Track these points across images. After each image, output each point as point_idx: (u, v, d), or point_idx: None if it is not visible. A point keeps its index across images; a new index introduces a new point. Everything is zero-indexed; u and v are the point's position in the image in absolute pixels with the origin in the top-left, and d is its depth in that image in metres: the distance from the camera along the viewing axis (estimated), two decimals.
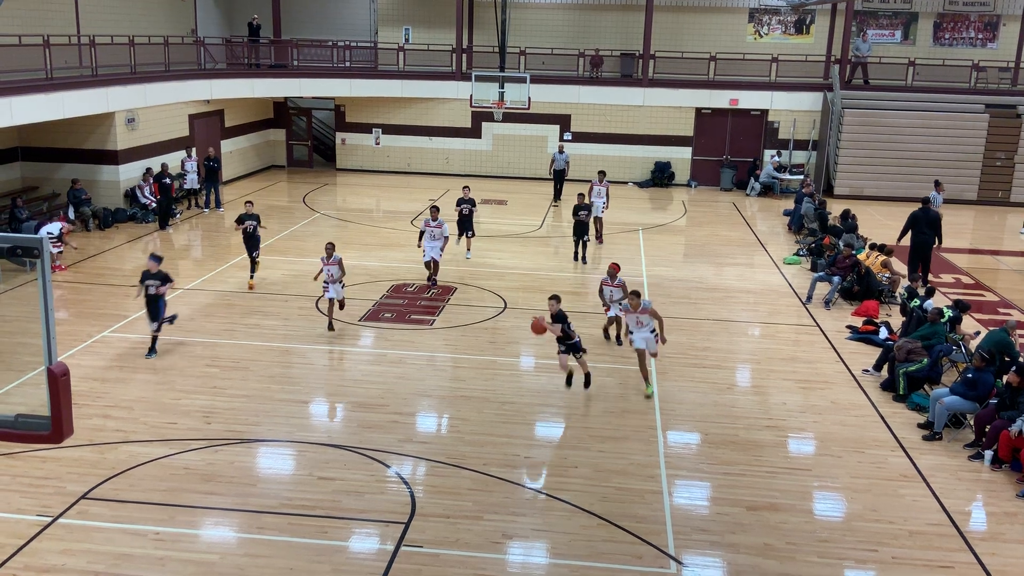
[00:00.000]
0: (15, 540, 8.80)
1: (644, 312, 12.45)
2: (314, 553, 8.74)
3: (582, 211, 19.64)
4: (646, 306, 12.47)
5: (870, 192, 29.15)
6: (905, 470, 10.88)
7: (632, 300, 12.53)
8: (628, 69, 31.65)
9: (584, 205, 19.73)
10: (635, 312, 12.48)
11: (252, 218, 17.47)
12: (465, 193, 20.05)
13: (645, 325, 12.53)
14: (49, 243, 4.01)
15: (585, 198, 20.00)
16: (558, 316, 12.25)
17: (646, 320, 12.52)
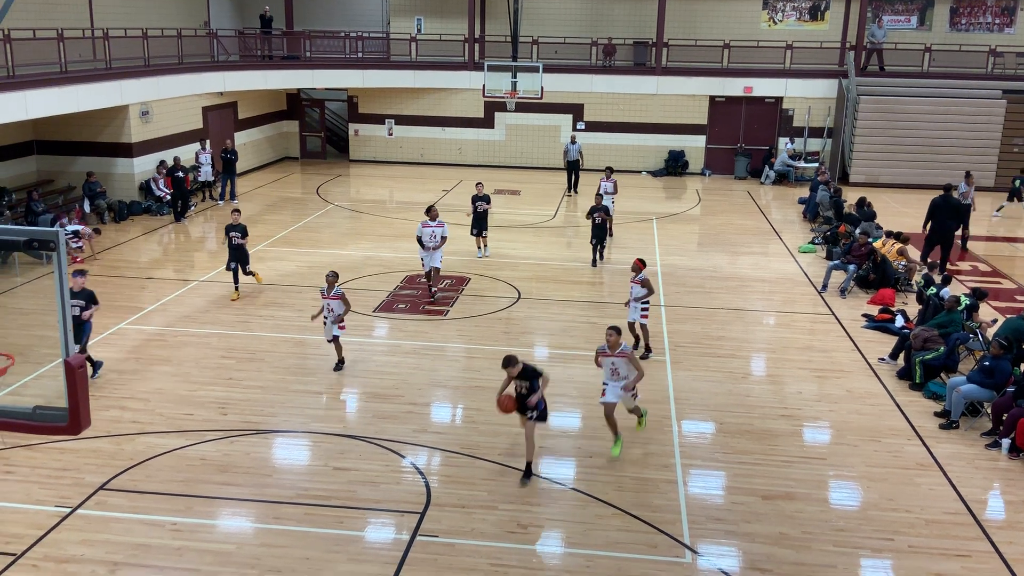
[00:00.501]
0: (35, 531, 8.89)
1: (622, 356, 10.34)
2: (330, 543, 8.78)
3: (596, 213, 18.69)
4: (625, 349, 10.38)
5: (886, 180, 28.95)
6: (922, 459, 10.82)
7: (611, 337, 10.33)
8: (641, 57, 31.51)
9: (600, 207, 18.80)
10: (611, 355, 10.38)
11: (236, 229, 16.05)
12: (479, 190, 19.28)
13: (621, 376, 10.41)
14: (65, 235, 4.04)
15: (601, 199, 19.21)
16: (525, 373, 9.85)
17: (623, 368, 10.39)
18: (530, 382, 9.80)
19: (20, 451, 10.42)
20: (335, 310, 12.76)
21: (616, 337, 10.29)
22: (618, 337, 10.31)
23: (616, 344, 10.30)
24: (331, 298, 12.74)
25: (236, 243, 15.98)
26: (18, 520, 9.08)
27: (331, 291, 12.74)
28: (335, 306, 12.76)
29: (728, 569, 8.53)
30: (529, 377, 9.82)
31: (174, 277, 17.76)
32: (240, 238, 16.02)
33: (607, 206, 19.12)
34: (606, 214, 18.72)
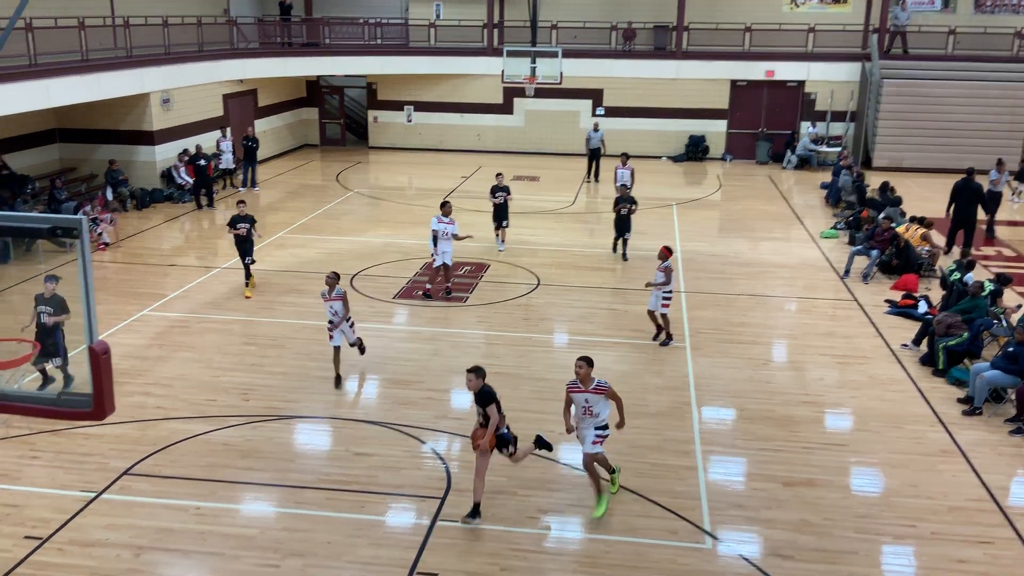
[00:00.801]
0: (60, 515, 9.00)
1: (599, 392, 8.87)
2: (352, 527, 8.85)
3: (623, 204, 18.08)
4: (600, 384, 8.89)
5: (910, 164, 28.62)
6: (944, 445, 10.75)
7: (580, 369, 8.77)
8: (662, 42, 31.29)
9: (626, 198, 18.17)
10: (584, 389, 8.84)
11: (245, 220, 15.62)
12: (499, 181, 18.85)
13: (595, 415, 8.95)
14: (88, 221, 4.10)
15: (627, 190, 18.67)
16: (482, 395, 8.75)
17: (597, 406, 8.92)
18: (483, 411, 8.72)
19: (45, 436, 10.55)
20: (339, 312, 12.09)
21: (587, 369, 8.79)
22: (589, 369, 8.80)
23: (587, 378, 8.82)
24: (333, 300, 12.08)
25: (245, 235, 15.59)
26: (44, 504, 9.20)
27: (332, 293, 12.07)
28: (338, 308, 12.09)
29: (748, 555, 8.52)
30: (483, 403, 8.69)
31: (196, 264, 17.88)
32: (248, 230, 15.63)
33: (633, 197, 18.41)
34: (632, 205, 18.12)
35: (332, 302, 12.07)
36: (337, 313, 12.08)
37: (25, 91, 17.46)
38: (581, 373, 8.81)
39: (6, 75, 16.83)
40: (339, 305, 12.07)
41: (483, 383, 8.79)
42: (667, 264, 13.28)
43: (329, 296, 12.06)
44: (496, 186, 18.70)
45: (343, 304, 12.12)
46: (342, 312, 12.10)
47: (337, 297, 12.07)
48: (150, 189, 23.22)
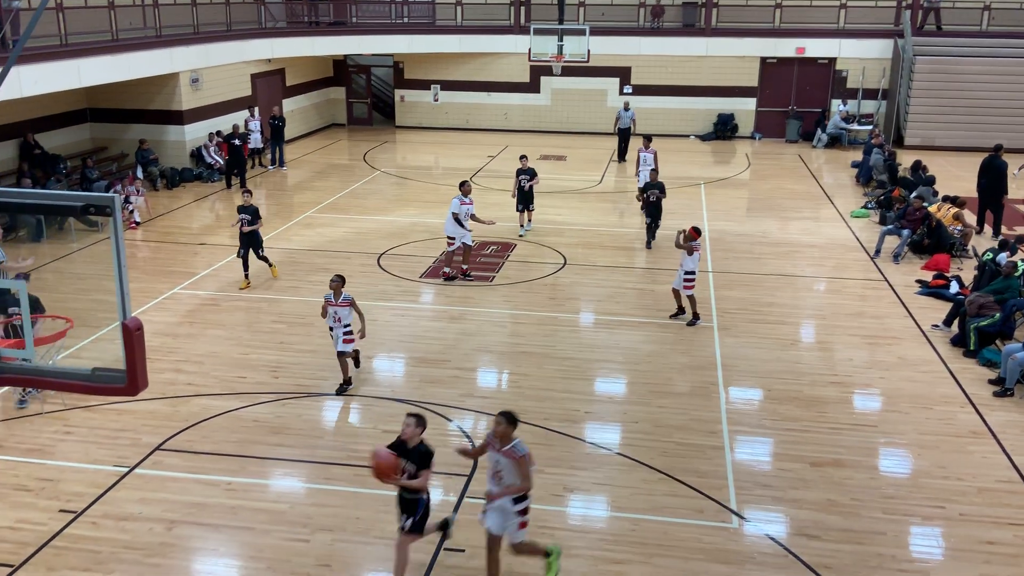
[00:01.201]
0: (94, 489, 9.17)
1: (511, 457, 7.21)
2: (380, 503, 8.93)
3: (651, 191, 17.38)
4: (518, 448, 7.20)
5: (942, 142, 28.20)
6: (975, 426, 10.65)
7: (498, 425, 7.25)
8: (690, 19, 30.95)
9: (655, 184, 17.51)
10: (497, 450, 7.29)
11: (247, 211, 14.80)
12: (523, 163, 18.48)
13: (504, 478, 7.31)
14: (121, 199, 4.16)
15: (657, 175, 17.93)
16: (422, 455, 7.36)
17: (508, 474, 7.27)
18: (416, 467, 7.33)
19: (79, 412, 10.73)
20: (343, 319, 11.04)
21: (507, 427, 7.20)
22: (509, 428, 7.20)
23: (506, 436, 7.23)
24: (339, 305, 11.02)
25: (247, 227, 14.87)
26: (78, 479, 9.37)
27: (338, 297, 11.04)
28: (343, 315, 11.01)
29: (775, 535, 8.52)
30: (418, 461, 7.32)
31: (226, 243, 18.01)
32: (251, 222, 14.85)
33: (662, 183, 17.68)
34: (661, 192, 17.44)
35: (337, 307, 11.04)
36: (340, 320, 11.03)
37: (56, 71, 17.63)
38: (499, 430, 7.23)
39: (38, 55, 17.00)
40: (345, 312, 11.02)
41: (421, 434, 7.41)
42: (693, 244, 13.22)
43: (334, 301, 11.04)
44: (520, 169, 18.39)
45: (350, 311, 11.06)
46: (346, 320, 11.04)
47: (344, 303, 11.02)
48: (180, 168, 23.40)
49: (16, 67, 15.96)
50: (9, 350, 4.95)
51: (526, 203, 18.48)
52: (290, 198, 22.32)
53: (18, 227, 18.18)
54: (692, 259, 13.29)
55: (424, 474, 7.32)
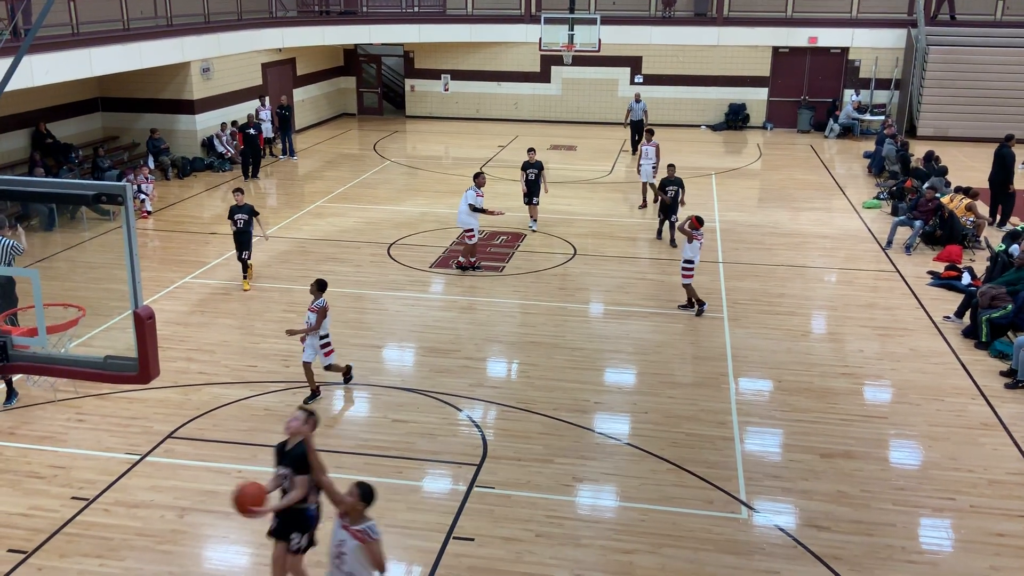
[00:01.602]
0: (106, 477, 9.23)
1: (361, 538, 6.03)
2: (390, 492, 8.96)
3: (670, 187, 16.77)
4: (369, 531, 6.04)
5: (955, 133, 28.01)
6: (986, 418, 10.61)
7: (351, 495, 6.09)
8: (702, 8, 30.79)
9: (673, 179, 16.77)
10: (347, 526, 6.10)
11: (243, 211, 14.38)
12: (531, 157, 17.84)
13: (346, 563, 6.12)
14: (132, 188, 4.17)
15: (675, 170, 17.00)
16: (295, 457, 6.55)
17: (352, 555, 6.08)
18: (292, 472, 6.44)
19: (91, 400, 10.80)
20: (311, 323, 10.49)
21: (357, 503, 6.05)
22: (362, 504, 6.06)
23: (356, 512, 6.09)
24: (311, 310, 10.51)
25: (242, 227, 14.31)
26: (90, 466, 9.43)
27: (313, 301, 10.51)
28: (312, 320, 10.48)
29: (784, 526, 8.52)
30: (292, 465, 6.44)
31: None
32: (246, 222, 14.34)
33: (681, 180, 16.96)
34: (680, 188, 16.82)
35: (309, 312, 10.55)
36: (310, 324, 10.50)
37: (68, 60, 17.66)
38: (348, 502, 6.08)
39: (49, 44, 17.03)
40: (314, 318, 10.46)
41: (310, 432, 6.42)
42: (694, 233, 13.21)
43: (311, 304, 10.56)
44: (527, 162, 17.85)
45: (320, 316, 10.44)
46: (313, 323, 10.47)
47: (314, 308, 10.46)
48: (191, 158, 23.45)
49: (28, 56, 16.01)
50: (23, 338, 4.97)
51: (531, 197, 17.97)
52: (300, 187, 22.34)
53: (31, 216, 18.27)
54: (691, 247, 13.29)
55: (299, 481, 6.32)
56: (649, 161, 19.38)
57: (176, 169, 23.02)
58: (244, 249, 14.57)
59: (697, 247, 13.35)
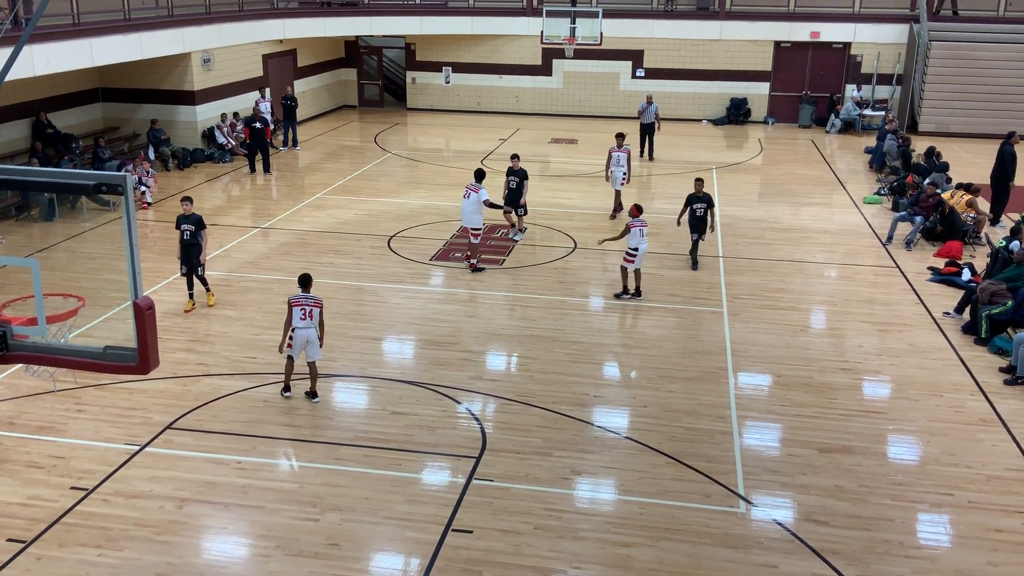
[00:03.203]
0: (105, 467, 9.24)
1: None
2: (389, 484, 8.98)
3: (698, 204, 15.27)
4: None
5: (957, 129, 27.97)
6: (985, 414, 10.62)
7: None
8: (704, 2, 30.70)
9: (701, 196, 15.28)
10: None
11: (190, 220, 13.07)
12: (514, 163, 16.69)
13: None
14: (133, 179, 4.15)
15: (703, 185, 15.50)
16: None
17: None
18: None
19: (91, 390, 10.80)
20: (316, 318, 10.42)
21: None
22: None
23: None
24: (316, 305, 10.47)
25: (188, 239, 13.07)
26: (89, 457, 9.44)
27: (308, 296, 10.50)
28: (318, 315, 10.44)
29: (782, 520, 8.53)
30: None
31: (237, 223, 18.06)
32: (194, 232, 13.08)
33: (710, 196, 15.53)
34: (709, 205, 15.32)
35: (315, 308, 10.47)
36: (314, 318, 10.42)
37: (69, 50, 17.63)
38: None
39: (50, 34, 17.00)
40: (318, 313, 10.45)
41: None
42: (632, 221, 13.78)
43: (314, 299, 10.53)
44: (511, 168, 16.76)
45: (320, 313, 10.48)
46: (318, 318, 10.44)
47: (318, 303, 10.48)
48: (191, 149, 23.42)
49: (28, 46, 15.98)
50: (22, 327, 4.97)
51: (514, 205, 16.77)
52: (301, 179, 22.32)
53: (31, 206, 18.25)
54: (633, 234, 13.69)
55: None
56: (620, 168, 18.39)
57: (176, 160, 22.99)
58: (187, 264, 13.14)
59: (637, 234, 13.68)
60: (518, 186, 16.66)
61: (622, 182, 18.49)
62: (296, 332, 10.34)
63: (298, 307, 10.32)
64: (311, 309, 10.36)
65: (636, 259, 13.82)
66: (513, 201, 16.76)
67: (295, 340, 10.39)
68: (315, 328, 10.41)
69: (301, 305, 10.34)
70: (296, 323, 10.32)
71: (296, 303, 10.35)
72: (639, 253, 13.77)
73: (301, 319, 10.31)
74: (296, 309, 10.31)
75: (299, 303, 10.35)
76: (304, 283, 10.56)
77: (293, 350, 10.48)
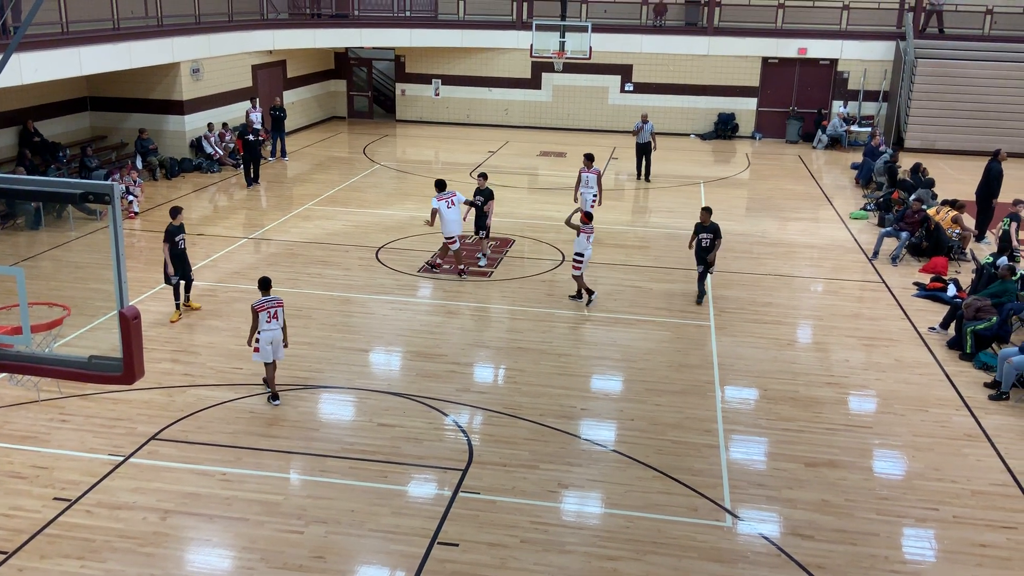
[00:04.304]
0: (89, 478, 9.17)
1: None
2: (375, 496, 8.94)
3: (704, 235, 14.32)
4: None
5: (942, 146, 28.19)
6: (970, 429, 10.67)
7: None
8: (693, 17, 30.94)
9: (708, 226, 14.30)
10: None
11: (181, 231, 13.46)
12: (480, 183, 15.93)
13: None
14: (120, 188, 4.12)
15: (710, 215, 14.47)
16: None
17: None
18: None
19: (75, 400, 10.73)
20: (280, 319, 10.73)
21: None
22: None
23: None
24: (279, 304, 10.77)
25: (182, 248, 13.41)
26: (73, 467, 9.37)
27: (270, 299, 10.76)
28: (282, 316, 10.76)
29: (768, 534, 8.53)
30: None
31: (224, 234, 18.00)
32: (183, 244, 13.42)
33: (717, 226, 14.42)
34: (716, 236, 14.31)
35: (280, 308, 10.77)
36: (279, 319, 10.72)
37: (57, 59, 17.57)
38: None
39: (38, 42, 16.94)
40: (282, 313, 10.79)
41: None
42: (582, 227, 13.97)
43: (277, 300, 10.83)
44: (478, 188, 15.91)
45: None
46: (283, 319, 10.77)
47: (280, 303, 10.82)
48: (179, 158, 23.36)
49: (17, 54, 15.93)
50: (6, 337, 4.93)
51: (478, 228, 15.93)
52: (289, 190, 22.28)
53: (17, 215, 18.15)
54: (580, 241, 13.98)
55: None
56: (590, 190, 17.69)
57: (164, 170, 22.92)
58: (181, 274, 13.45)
59: (584, 241, 13.96)
60: (483, 206, 15.78)
61: (592, 204, 17.69)
62: (262, 334, 10.61)
63: (263, 311, 10.59)
64: (275, 310, 10.66)
65: (583, 264, 14.20)
66: (479, 223, 15.88)
67: (262, 342, 10.63)
68: (280, 329, 10.70)
69: (265, 308, 10.61)
70: (263, 326, 10.59)
71: (260, 307, 10.59)
72: (585, 258, 14.14)
73: (267, 321, 10.60)
74: (262, 313, 10.58)
75: (263, 307, 10.60)
76: (264, 286, 10.89)
77: (264, 354, 10.70)
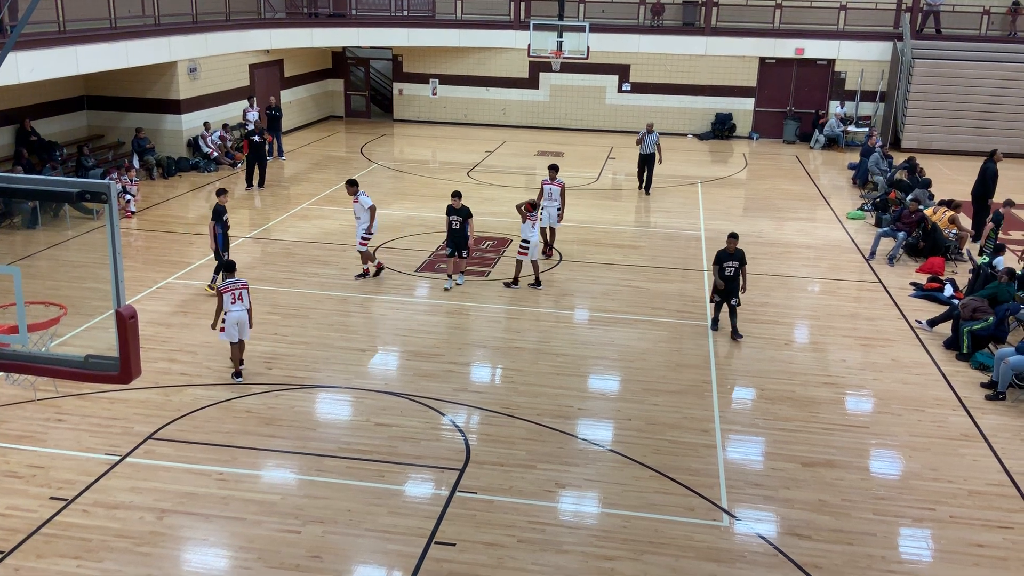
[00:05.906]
0: (85, 477, 9.15)
1: None
2: (372, 496, 8.94)
3: (729, 263, 12.96)
4: None
5: (939, 146, 28.23)
6: (966, 429, 10.69)
7: None
8: (690, 17, 30.94)
9: (733, 253, 12.96)
10: None
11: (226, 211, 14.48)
12: (455, 202, 14.69)
13: None
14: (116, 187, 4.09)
15: (737, 241, 13.09)
16: None
17: None
18: None
19: (72, 400, 10.71)
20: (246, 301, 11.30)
21: None
22: None
23: None
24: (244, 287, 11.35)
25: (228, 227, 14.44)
26: (70, 467, 9.35)
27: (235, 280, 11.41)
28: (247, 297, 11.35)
29: (765, 534, 8.54)
30: None
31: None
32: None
33: (743, 252, 13.12)
34: (742, 263, 13.02)
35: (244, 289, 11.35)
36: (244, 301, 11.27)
37: (54, 58, 17.55)
38: None
39: (35, 41, 16.92)
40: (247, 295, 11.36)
41: None
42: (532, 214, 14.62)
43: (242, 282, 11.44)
44: (450, 207, 14.78)
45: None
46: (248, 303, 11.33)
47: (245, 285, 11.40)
48: (176, 158, 23.33)
49: (13, 53, 15.90)
50: (2, 336, 4.92)
51: (457, 248, 14.73)
52: (286, 189, 22.26)
53: (13, 213, 18.12)
54: (525, 227, 14.61)
55: None
56: (553, 203, 16.41)
57: (161, 169, 22.89)
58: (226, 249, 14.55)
59: (529, 227, 14.57)
60: (461, 226, 14.71)
61: (558, 220, 16.57)
62: (228, 315, 11.12)
63: (228, 292, 11.14)
64: (240, 292, 11.20)
65: (530, 250, 14.73)
66: (456, 243, 14.73)
67: (228, 323, 11.13)
68: (246, 310, 11.23)
69: (230, 290, 11.16)
70: (228, 307, 11.11)
71: (225, 289, 11.15)
72: (531, 244, 14.69)
73: (232, 303, 11.13)
74: (227, 295, 11.12)
75: (227, 288, 11.15)
76: (229, 268, 11.69)
77: (230, 334, 11.20)
